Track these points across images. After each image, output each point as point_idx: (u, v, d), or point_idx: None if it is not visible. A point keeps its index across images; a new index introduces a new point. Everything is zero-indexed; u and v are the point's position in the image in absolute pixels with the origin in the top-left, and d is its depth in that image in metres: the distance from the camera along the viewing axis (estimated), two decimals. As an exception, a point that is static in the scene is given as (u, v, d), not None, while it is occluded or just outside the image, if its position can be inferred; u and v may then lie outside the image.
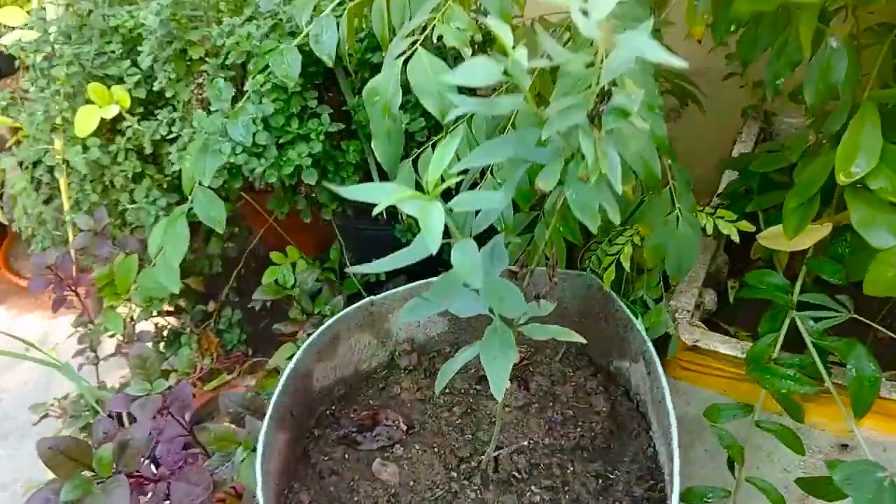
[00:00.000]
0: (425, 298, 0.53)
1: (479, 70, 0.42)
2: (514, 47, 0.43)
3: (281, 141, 0.86)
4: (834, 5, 0.67)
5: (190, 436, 0.82)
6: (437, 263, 0.53)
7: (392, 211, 1.15)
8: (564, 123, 0.45)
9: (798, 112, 1.21)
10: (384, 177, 0.96)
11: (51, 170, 1.18)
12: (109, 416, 0.91)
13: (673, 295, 0.89)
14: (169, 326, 1.23)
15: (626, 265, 0.74)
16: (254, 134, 0.82)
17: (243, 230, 1.32)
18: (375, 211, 0.44)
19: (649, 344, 0.72)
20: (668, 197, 0.70)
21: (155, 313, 1.18)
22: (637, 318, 0.77)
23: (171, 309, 1.29)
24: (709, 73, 1.19)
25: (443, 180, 0.45)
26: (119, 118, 1.10)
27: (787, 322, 0.78)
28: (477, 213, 0.53)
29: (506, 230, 0.71)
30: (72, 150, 1.09)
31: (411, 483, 0.72)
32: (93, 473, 0.63)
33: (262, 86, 0.84)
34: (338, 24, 0.78)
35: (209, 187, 0.89)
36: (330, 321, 0.79)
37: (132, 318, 1.15)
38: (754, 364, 0.77)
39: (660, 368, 0.70)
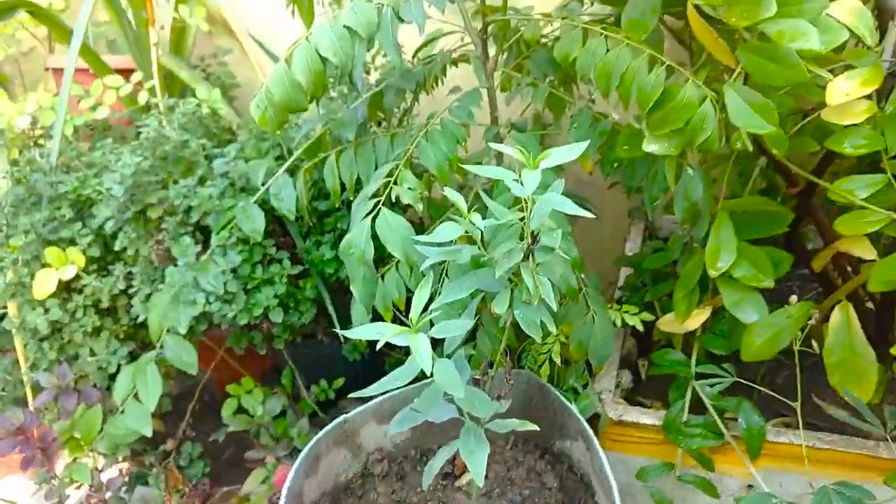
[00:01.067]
0: (413, 409, 0.66)
1: (447, 231, 0.58)
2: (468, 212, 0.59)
3: (248, 287, 0.97)
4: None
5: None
6: (382, 375, 0.66)
7: (335, 335, 1.27)
8: (509, 265, 0.60)
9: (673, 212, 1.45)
10: (336, 307, 1.09)
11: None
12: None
13: (595, 379, 1.05)
14: (133, 471, 1.27)
15: (557, 360, 0.89)
16: (225, 283, 0.94)
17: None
18: (379, 345, 0.57)
19: (584, 423, 0.87)
20: (584, 302, 0.87)
21: (120, 459, 1.22)
22: (571, 403, 0.92)
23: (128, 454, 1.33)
24: (595, 184, 1.41)
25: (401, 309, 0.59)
26: (74, 278, 1.18)
27: (689, 391, 0.95)
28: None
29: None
30: (32, 314, 1.15)
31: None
32: None
33: (227, 240, 0.96)
34: (294, 182, 0.93)
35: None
36: (311, 443, 0.89)
37: (97, 468, 1.19)
38: (669, 428, 0.93)
39: (596, 443, 0.84)
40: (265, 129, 0.70)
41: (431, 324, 0.61)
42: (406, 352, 0.59)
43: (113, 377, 1.06)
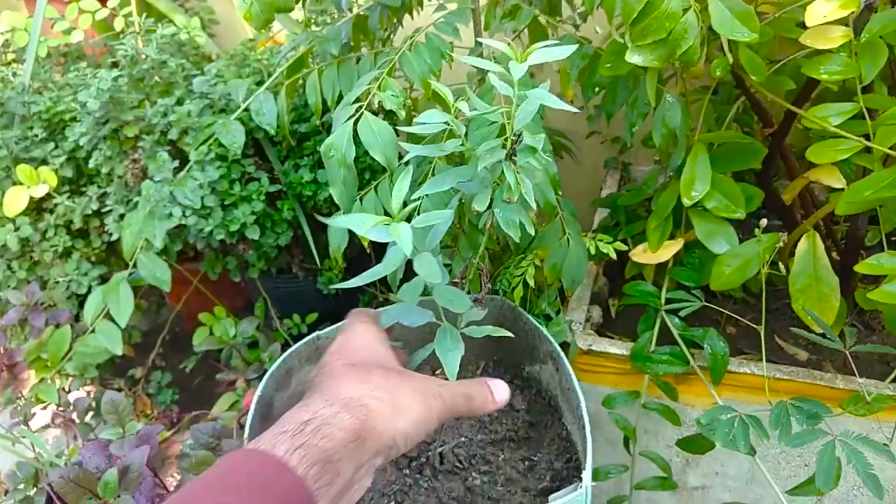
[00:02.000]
0: (390, 308, 0.67)
1: (433, 118, 0.58)
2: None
3: (225, 203, 0.97)
4: (666, 72, 0.89)
5: (156, 477, 0.89)
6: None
7: (311, 268, 1.27)
8: (490, 160, 0.61)
9: (648, 162, 1.47)
10: (313, 229, 1.09)
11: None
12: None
13: (567, 312, 1.07)
14: (100, 394, 1.26)
15: (531, 283, 0.91)
16: (202, 198, 0.93)
17: (157, 299, 1.39)
18: (361, 232, 0.57)
19: (555, 344, 0.88)
20: (559, 225, 0.88)
21: (88, 382, 1.22)
22: (543, 326, 0.93)
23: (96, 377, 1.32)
24: (573, 135, 1.42)
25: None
26: (46, 197, 1.16)
27: (658, 321, 0.97)
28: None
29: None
30: (2, 230, 1.14)
31: (370, 486, 0.83)
32: (99, 500, 0.69)
33: (205, 155, 0.95)
34: (275, 99, 0.92)
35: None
36: (283, 355, 0.89)
37: (64, 389, 1.19)
38: (637, 357, 0.95)
39: (566, 362, 0.86)
40: (251, 23, 0.70)
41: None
42: (383, 282, 0.60)
43: (82, 304, 1.05)
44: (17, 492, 1.07)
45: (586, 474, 0.67)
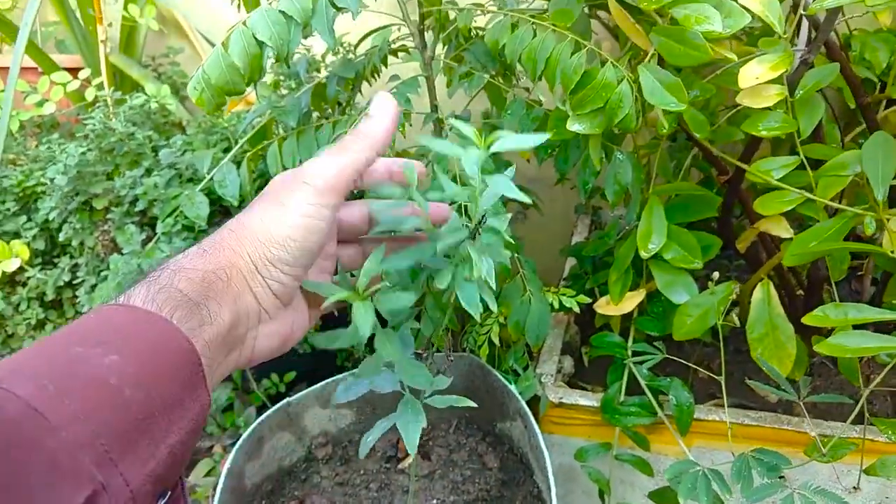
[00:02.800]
0: (354, 375, 0.68)
1: (395, 192, 0.60)
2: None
3: (192, 273, 0.98)
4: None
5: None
6: (334, 369, 0.67)
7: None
8: (451, 241, 0.63)
9: (620, 206, 1.49)
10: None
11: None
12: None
13: (538, 364, 1.08)
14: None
15: (496, 340, 0.92)
16: (168, 270, 0.94)
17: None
18: (324, 304, 0.58)
19: (522, 402, 0.89)
20: (520, 283, 0.89)
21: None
22: (511, 384, 0.94)
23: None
24: (542, 181, 1.45)
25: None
26: (18, 270, 1.17)
27: (626, 372, 0.98)
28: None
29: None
30: (-26, 306, 1.14)
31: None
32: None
33: (172, 227, 0.96)
34: (238, 169, 0.94)
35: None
36: (254, 424, 0.90)
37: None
38: (606, 408, 0.96)
39: (532, 420, 0.87)
40: (203, 108, 0.71)
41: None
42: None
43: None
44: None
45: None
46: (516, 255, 0.89)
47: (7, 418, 0.32)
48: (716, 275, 0.80)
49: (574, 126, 0.71)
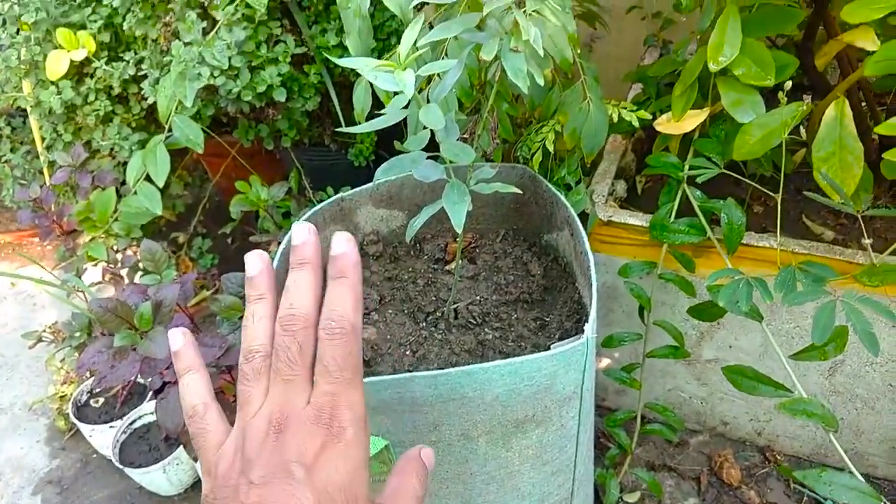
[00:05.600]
0: (401, 151, 0.68)
1: None
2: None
3: (253, 64, 0.98)
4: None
5: (192, 323, 0.95)
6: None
7: (344, 140, 1.29)
8: (497, 5, 0.61)
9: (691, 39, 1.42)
10: (340, 96, 1.10)
11: (9, 121, 1.26)
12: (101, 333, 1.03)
13: (591, 185, 1.07)
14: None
15: (550, 147, 0.91)
16: (229, 58, 0.95)
17: (201, 173, 1.44)
18: (366, 74, 0.58)
19: (571, 210, 0.89)
20: (580, 89, 0.87)
21: (133, 242, 1.29)
22: (561, 194, 0.94)
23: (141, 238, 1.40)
24: (614, 10, 1.38)
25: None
26: (85, 62, 1.19)
27: (679, 194, 0.97)
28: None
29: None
30: (45, 93, 1.18)
31: (388, 336, 0.88)
32: (135, 330, 0.76)
33: (232, 16, 0.96)
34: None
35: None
36: (307, 213, 0.93)
37: (113, 248, 1.26)
38: (655, 227, 0.96)
39: (580, 228, 0.87)
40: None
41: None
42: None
43: (124, 172, 1.10)
44: (72, 338, 1.16)
45: (588, 325, 0.70)
46: (578, 57, 0.86)
47: None
48: (788, 84, 0.76)
49: None
